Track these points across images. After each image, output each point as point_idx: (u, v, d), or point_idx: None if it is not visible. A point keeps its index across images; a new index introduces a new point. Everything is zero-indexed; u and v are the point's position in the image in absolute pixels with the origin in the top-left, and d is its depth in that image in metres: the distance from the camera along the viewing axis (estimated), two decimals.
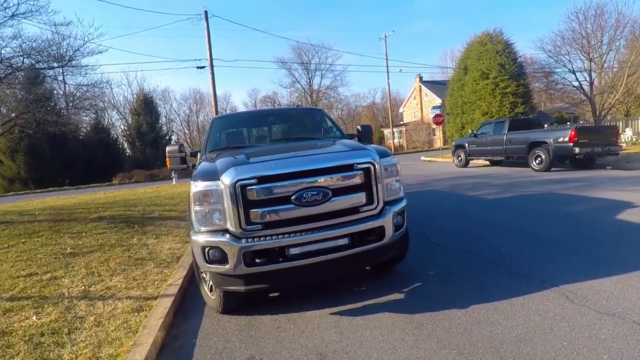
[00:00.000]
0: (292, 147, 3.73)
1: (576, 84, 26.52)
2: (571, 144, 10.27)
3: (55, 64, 9.33)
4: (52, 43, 9.11)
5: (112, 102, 41.35)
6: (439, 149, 22.45)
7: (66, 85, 32.72)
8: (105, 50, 24.36)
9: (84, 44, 9.42)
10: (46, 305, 3.59)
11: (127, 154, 35.47)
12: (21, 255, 5.40)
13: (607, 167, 11.01)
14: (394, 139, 40.56)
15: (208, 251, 2.89)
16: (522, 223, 5.26)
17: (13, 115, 11.54)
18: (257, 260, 2.84)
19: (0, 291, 4.02)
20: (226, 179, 2.81)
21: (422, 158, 21.98)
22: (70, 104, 29.16)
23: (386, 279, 3.73)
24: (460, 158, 14.96)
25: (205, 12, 17.97)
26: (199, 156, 4.26)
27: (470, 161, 14.80)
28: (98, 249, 5.56)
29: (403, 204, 3.30)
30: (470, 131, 14.89)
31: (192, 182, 3.03)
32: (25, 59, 8.56)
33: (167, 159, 4.33)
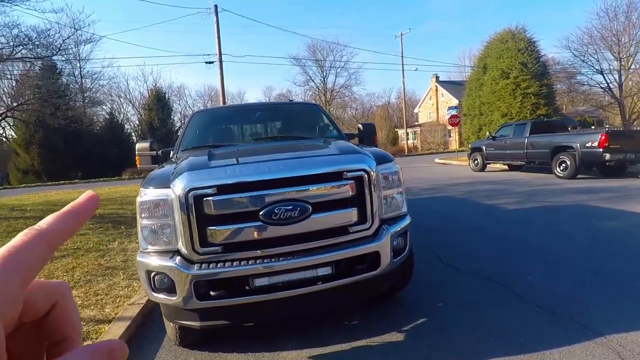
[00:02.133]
0: (274, 147, 3.10)
1: (604, 85, 25.14)
2: (601, 150, 9.34)
3: (44, 54, 8.93)
4: (40, 32, 8.73)
5: (128, 97, 41.47)
6: (455, 151, 21.48)
7: (83, 80, 33.12)
8: (99, 39, 23.86)
9: (74, 32, 9.00)
10: None
11: None
12: None
13: None
14: (407, 139, 39.53)
15: (154, 277, 2.29)
16: (549, 242, 4.49)
17: (16, 104, 11.26)
18: (212, 293, 2.22)
19: None
20: (177, 188, 2.20)
21: (437, 160, 21.09)
22: (87, 96, 29.34)
23: (383, 311, 3.06)
24: (476, 162, 14.09)
25: (215, 6, 17.50)
26: (170, 155, 3.67)
27: (488, 165, 13.91)
28: (71, 254, 5.04)
29: (406, 222, 2.62)
30: (488, 133, 14.00)
31: (140, 188, 2.43)
32: (16, 49, 8.17)
33: (136, 157, 3.75)
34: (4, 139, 34.34)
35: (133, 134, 36.63)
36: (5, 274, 0.22)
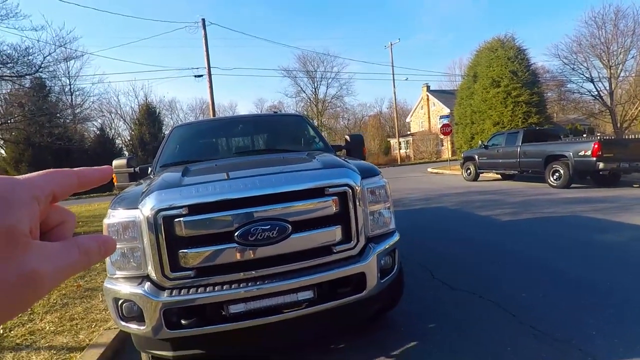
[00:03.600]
0: (254, 162, 2.96)
1: (594, 93, 25.42)
2: (594, 159, 9.30)
3: (26, 72, 8.77)
4: (21, 51, 8.58)
5: (119, 112, 41.26)
6: (447, 161, 21.47)
7: (72, 96, 32.99)
8: (80, 55, 23.75)
9: (55, 49, 8.88)
10: None
11: None
12: None
13: (635, 185, 9.98)
14: (400, 149, 39.64)
15: (121, 305, 2.11)
16: (545, 255, 4.35)
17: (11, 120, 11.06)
18: (183, 322, 2.05)
19: None
20: (145, 208, 2.04)
21: (429, 170, 21.06)
22: (76, 116, 29.15)
23: (372, 332, 2.89)
24: (469, 171, 14.04)
25: (203, 20, 17.53)
26: (149, 172, 3.51)
27: (481, 174, 13.87)
28: None
29: (394, 239, 2.47)
30: (480, 142, 13.98)
31: (109, 209, 2.27)
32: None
33: (113, 175, 3.58)
34: None
35: (124, 148, 36.35)
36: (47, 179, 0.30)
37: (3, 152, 30.87)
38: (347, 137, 3.99)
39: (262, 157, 3.23)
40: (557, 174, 10.21)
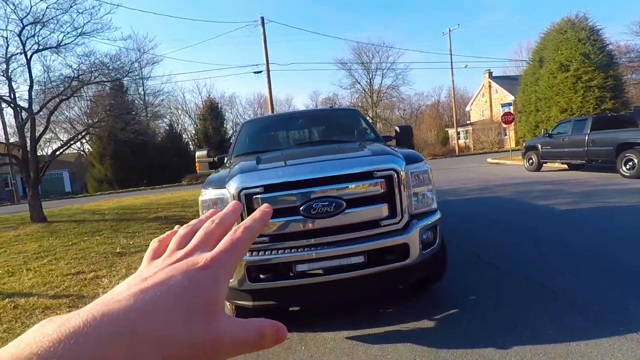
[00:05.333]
0: (314, 151, 3.45)
1: None
2: None
3: (116, 76, 10.17)
4: (113, 58, 9.96)
5: (185, 108, 44.65)
6: (509, 151, 20.48)
7: (146, 96, 36.38)
8: (160, 59, 26.20)
9: (140, 55, 10.11)
10: (80, 305, 3.72)
11: None
12: (78, 254, 5.82)
13: None
14: (458, 139, 38.14)
15: None
16: (600, 244, 4.35)
17: (94, 121, 12.82)
18: (261, 276, 2.61)
19: (49, 288, 4.30)
20: (231, 188, 2.62)
21: (489, 160, 20.26)
22: (150, 111, 32.21)
23: (418, 301, 3.27)
24: (531, 161, 13.42)
25: (262, 18, 18.46)
26: (225, 161, 4.17)
27: (544, 165, 13.19)
28: (144, 249, 5.79)
29: (435, 217, 2.83)
30: (544, 131, 13.27)
31: (202, 189, 2.90)
32: (93, 74, 9.44)
33: (196, 164, 4.30)
34: (83, 153, 38.52)
35: (190, 143, 39.29)
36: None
37: (90, 147, 35.05)
38: (397, 128, 4.34)
39: (320, 147, 3.72)
40: (630, 163, 9.51)
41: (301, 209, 2.52)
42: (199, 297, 0.28)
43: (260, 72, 19.11)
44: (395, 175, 2.63)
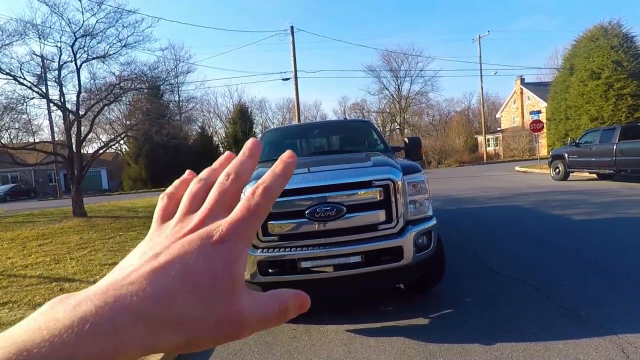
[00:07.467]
0: (323, 160, 3.78)
1: None
2: None
3: (154, 83, 10.97)
4: (151, 67, 10.79)
5: (216, 112, 46.28)
6: (537, 159, 19.97)
7: (180, 102, 38.01)
8: (195, 68, 27.47)
9: (175, 66, 10.83)
10: None
11: None
12: (114, 246, 6.42)
13: None
14: (487, 146, 37.33)
15: None
16: (603, 254, 4.42)
17: (132, 123, 13.74)
18: (270, 271, 2.96)
19: (89, 275, 4.85)
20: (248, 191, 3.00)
21: (517, 168, 19.85)
22: (183, 115, 33.75)
23: (417, 301, 3.53)
24: (557, 170, 13.16)
25: (292, 27, 19.09)
26: None
27: (572, 174, 12.90)
28: None
29: (430, 223, 3.10)
30: (570, 139, 12.99)
31: None
32: (133, 82, 10.27)
33: None
34: (120, 152, 40.68)
35: (220, 145, 40.62)
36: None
37: (127, 147, 37.01)
38: (406, 140, 4.61)
39: (331, 156, 4.05)
40: None
41: (306, 212, 2.86)
42: (217, 276, 0.26)
43: (288, 79, 19.71)
44: (392, 184, 2.92)
